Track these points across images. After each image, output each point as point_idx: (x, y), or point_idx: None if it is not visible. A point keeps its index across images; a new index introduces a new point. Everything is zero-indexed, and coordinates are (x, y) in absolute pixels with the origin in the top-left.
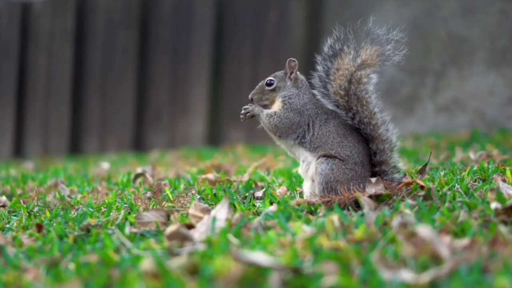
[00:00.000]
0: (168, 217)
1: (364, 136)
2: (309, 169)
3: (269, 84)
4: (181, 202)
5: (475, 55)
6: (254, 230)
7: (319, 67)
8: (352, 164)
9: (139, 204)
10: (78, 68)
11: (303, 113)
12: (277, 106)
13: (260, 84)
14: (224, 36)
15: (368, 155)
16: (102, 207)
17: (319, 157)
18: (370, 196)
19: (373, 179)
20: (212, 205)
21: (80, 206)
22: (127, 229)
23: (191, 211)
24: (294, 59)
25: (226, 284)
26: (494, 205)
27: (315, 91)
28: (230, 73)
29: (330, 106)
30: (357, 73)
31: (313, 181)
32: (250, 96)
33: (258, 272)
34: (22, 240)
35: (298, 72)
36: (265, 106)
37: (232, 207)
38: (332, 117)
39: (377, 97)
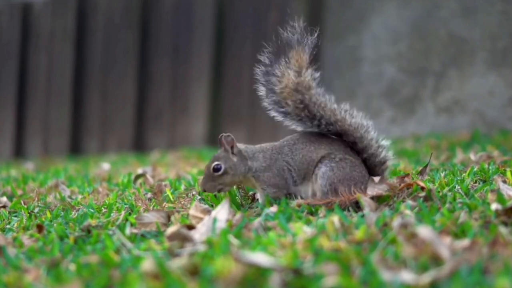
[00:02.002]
0: (168, 217)
1: (337, 135)
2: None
3: (217, 169)
4: (182, 202)
5: (475, 56)
6: (255, 231)
7: (266, 92)
8: (344, 160)
9: (140, 204)
10: (78, 68)
11: (273, 167)
12: (251, 183)
13: (206, 171)
14: (224, 36)
15: (347, 147)
16: (102, 208)
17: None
18: (372, 197)
19: (376, 179)
20: (213, 206)
21: (81, 206)
22: (128, 230)
23: (192, 212)
24: (228, 134)
25: (226, 284)
26: (494, 206)
27: (277, 115)
28: (231, 73)
29: (294, 125)
30: (301, 80)
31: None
32: (201, 187)
33: (259, 273)
34: (22, 241)
35: (236, 143)
36: (222, 189)
37: (234, 207)
38: (292, 143)
39: (325, 91)
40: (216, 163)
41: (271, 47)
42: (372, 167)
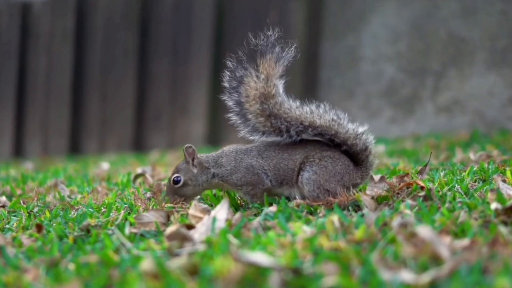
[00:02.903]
0: (168, 217)
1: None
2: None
3: (176, 181)
4: (181, 202)
5: (475, 56)
6: (254, 230)
7: (231, 103)
8: (323, 158)
9: (139, 204)
10: (78, 68)
11: (240, 166)
12: (226, 186)
13: (167, 184)
14: (224, 36)
15: (323, 144)
16: (102, 208)
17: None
18: (372, 197)
19: (377, 178)
20: (212, 205)
21: (80, 206)
22: (127, 230)
23: (191, 211)
24: (190, 145)
25: (226, 284)
26: (494, 205)
27: (244, 133)
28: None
29: (263, 138)
30: (266, 89)
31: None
32: (162, 199)
33: (258, 273)
34: (22, 241)
35: (198, 155)
36: (188, 197)
37: (232, 207)
38: (263, 149)
39: (291, 96)
40: (176, 175)
41: (241, 53)
42: (355, 155)
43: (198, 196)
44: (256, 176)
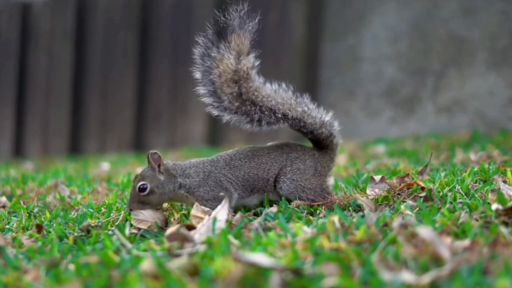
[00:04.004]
0: (165, 220)
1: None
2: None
3: (142, 189)
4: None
5: (475, 56)
6: (255, 231)
7: (204, 82)
8: (293, 162)
9: None
10: (78, 68)
11: (209, 179)
12: (187, 200)
13: (132, 192)
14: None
15: (284, 145)
16: (102, 208)
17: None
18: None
19: (377, 178)
20: None
21: (80, 206)
22: (127, 230)
23: (192, 212)
24: (155, 151)
25: (226, 285)
26: (495, 206)
27: (217, 112)
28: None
29: (233, 117)
30: (239, 67)
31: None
32: (127, 207)
33: (259, 273)
34: (22, 241)
35: (164, 162)
36: (153, 206)
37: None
38: (228, 158)
39: (266, 79)
40: (141, 183)
41: (211, 30)
42: (320, 141)
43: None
44: (224, 191)
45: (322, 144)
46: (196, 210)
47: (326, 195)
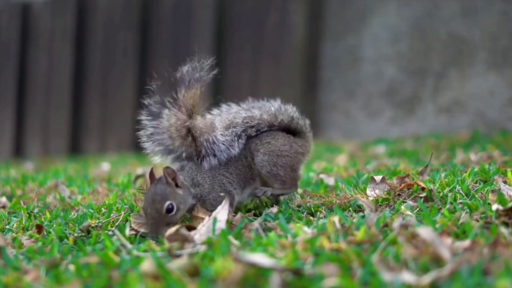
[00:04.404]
0: None
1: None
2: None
3: (170, 209)
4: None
5: (475, 56)
6: (255, 231)
7: (153, 140)
8: (264, 137)
9: (140, 205)
10: (78, 68)
11: (215, 185)
12: (202, 212)
13: (154, 215)
14: (224, 37)
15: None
16: (102, 208)
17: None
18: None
19: (378, 178)
20: None
21: (80, 207)
22: (128, 231)
23: (194, 212)
24: (167, 165)
25: (226, 285)
26: (495, 206)
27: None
28: (231, 74)
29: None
30: (192, 122)
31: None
32: (154, 235)
33: (259, 274)
34: (22, 241)
35: (178, 175)
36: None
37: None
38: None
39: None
40: (168, 202)
41: (160, 83)
42: (287, 128)
43: None
44: (228, 193)
45: (291, 130)
46: (196, 211)
47: (295, 178)
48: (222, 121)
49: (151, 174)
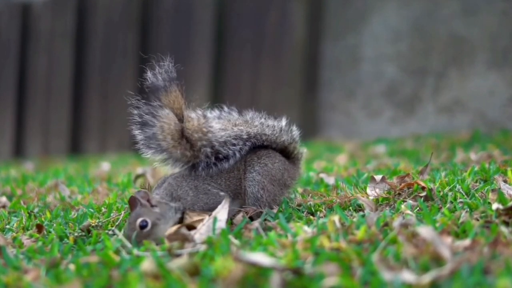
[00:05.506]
0: None
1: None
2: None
3: (143, 226)
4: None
5: (476, 56)
6: (255, 230)
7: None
8: (263, 156)
9: None
10: (78, 68)
11: (199, 194)
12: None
13: (130, 234)
14: (224, 37)
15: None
16: (102, 208)
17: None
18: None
19: (378, 178)
20: None
21: (81, 206)
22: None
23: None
24: (138, 189)
25: (226, 284)
26: (495, 205)
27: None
28: (231, 74)
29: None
30: (184, 124)
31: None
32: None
33: (259, 273)
34: (22, 241)
35: (151, 195)
36: (159, 238)
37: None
38: (202, 178)
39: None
40: (140, 219)
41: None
42: (283, 149)
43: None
44: (216, 198)
45: (287, 152)
46: (189, 217)
47: (270, 205)
48: (224, 123)
49: (130, 202)
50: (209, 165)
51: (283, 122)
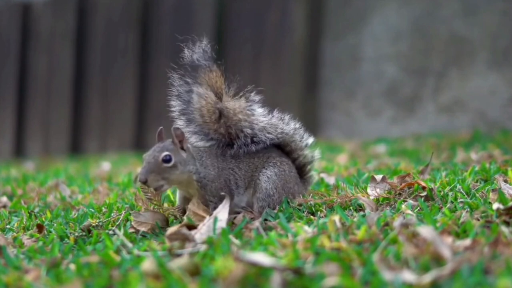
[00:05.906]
0: (166, 220)
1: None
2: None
3: (167, 160)
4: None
5: (476, 55)
6: (255, 230)
7: (189, 123)
8: (283, 163)
9: (140, 204)
10: (78, 68)
11: (221, 177)
12: (192, 189)
13: (150, 160)
14: (224, 37)
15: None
16: (103, 208)
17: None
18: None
19: (378, 178)
20: None
21: (81, 206)
22: (128, 229)
23: (191, 207)
24: (178, 126)
25: (227, 284)
26: (496, 205)
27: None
28: (231, 73)
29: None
30: (223, 104)
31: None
32: (143, 177)
33: (259, 273)
34: (22, 241)
35: (186, 138)
36: (163, 185)
37: None
38: (236, 154)
39: (257, 103)
40: (166, 153)
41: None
42: (301, 166)
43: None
44: (228, 192)
45: (301, 171)
46: (197, 207)
47: (274, 206)
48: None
49: (159, 134)
50: (242, 147)
51: (310, 140)
